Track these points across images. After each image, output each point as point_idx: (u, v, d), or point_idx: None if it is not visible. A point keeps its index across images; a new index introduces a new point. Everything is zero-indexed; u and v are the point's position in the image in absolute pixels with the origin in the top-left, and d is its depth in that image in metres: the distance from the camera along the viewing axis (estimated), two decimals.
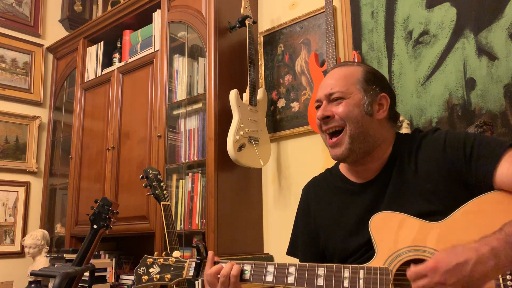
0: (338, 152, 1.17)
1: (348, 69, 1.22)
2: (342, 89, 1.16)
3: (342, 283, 1.01)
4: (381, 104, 1.18)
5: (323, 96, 1.19)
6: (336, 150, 1.17)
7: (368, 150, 1.16)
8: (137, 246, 2.99)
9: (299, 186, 1.40)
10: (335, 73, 1.23)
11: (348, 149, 1.15)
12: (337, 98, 1.16)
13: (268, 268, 1.10)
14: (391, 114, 1.21)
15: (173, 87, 2.65)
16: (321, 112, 1.18)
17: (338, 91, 1.16)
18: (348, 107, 1.15)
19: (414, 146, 1.16)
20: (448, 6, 1.93)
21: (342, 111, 1.15)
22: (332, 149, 1.18)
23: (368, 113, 1.15)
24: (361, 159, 1.17)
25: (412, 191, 1.10)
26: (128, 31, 3.08)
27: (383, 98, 1.19)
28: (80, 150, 3.16)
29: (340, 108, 1.15)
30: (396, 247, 1.01)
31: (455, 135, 1.12)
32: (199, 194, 2.38)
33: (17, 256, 3.29)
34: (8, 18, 3.50)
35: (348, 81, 1.18)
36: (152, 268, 1.21)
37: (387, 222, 1.05)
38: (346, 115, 1.14)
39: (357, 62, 1.29)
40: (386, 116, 1.19)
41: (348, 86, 1.17)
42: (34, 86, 3.58)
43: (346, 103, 1.15)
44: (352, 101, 1.16)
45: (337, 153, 1.17)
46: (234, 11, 2.50)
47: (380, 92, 1.19)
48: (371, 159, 1.18)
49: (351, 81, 1.18)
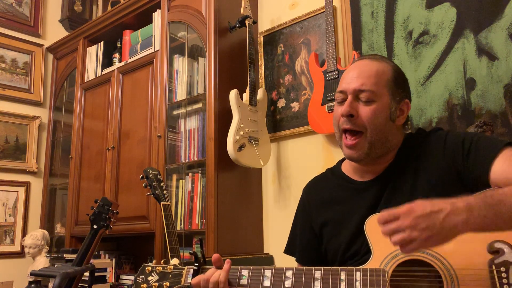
0: (354, 155, 1.15)
1: (380, 64, 1.16)
2: (373, 88, 1.11)
3: (339, 286, 1.01)
4: (402, 110, 1.17)
5: (351, 90, 1.12)
6: (353, 152, 1.15)
7: (383, 154, 1.16)
8: (137, 246, 2.99)
9: (299, 186, 1.41)
10: (365, 66, 1.15)
11: (365, 154, 1.14)
12: (367, 98, 1.11)
13: (266, 273, 1.10)
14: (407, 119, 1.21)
15: (173, 87, 2.65)
16: (347, 108, 1.11)
17: (369, 90, 1.11)
18: (376, 112, 1.11)
19: (416, 146, 1.16)
20: (448, 6, 1.93)
21: (369, 115, 1.10)
22: (348, 149, 1.15)
23: (392, 119, 1.14)
24: (372, 161, 1.17)
25: (411, 191, 1.11)
26: (128, 31, 3.08)
27: (405, 105, 1.17)
28: (80, 150, 3.16)
29: (368, 111, 1.11)
30: (392, 248, 1.01)
31: (455, 135, 1.13)
32: (199, 194, 2.38)
33: (17, 256, 3.30)
34: (8, 18, 3.50)
35: (379, 79, 1.13)
36: (151, 276, 1.21)
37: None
38: (372, 121, 1.11)
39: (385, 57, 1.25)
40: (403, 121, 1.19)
41: (379, 86, 1.12)
42: (34, 86, 3.58)
43: (376, 107, 1.11)
44: (381, 105, 1.12)
45: (353, 155, 1.15)
46: (234, 11, 2.50)
47: (405, 98, 1.17)
48: (379, 161, 1.18)
49: (383, 80, 1.13)
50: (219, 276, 1.10)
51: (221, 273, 1.10)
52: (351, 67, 1.19)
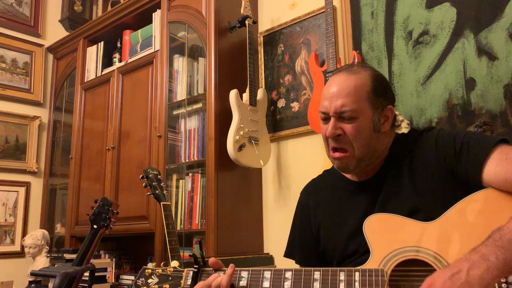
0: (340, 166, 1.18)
1: (357, 77, 1.16)
2: (353, 107, 1.12)
3: (338, 286, 1.01)
4: (387, 116, 1.18)
5: (333, 113, 1.14)
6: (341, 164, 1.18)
7: (371, 162, 1.18)
8: (137, 246, 2.99)
9: (299, 186, 1.41)
10: (344, 82, 1.16)
11: (354, 167, 1.17)
12: (349, 116, 1.13)
13: (265, 274, 1.10)
14: (393, 121, 1.21)
15: (173, 87, 2.65)
16: (332, 130, 1.14)
17: (349, 110, 1.12)
18: (359, 128, 1.13)
19: (409, 146, 1.17)
20: (448, 6, 1.93)
21: (353, 133, 1.13)
22: (336, 160, 1.18)
23: (376, 130, 1.15)
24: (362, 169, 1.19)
25: (407, 191, 1.11)
26: (128, 31, 3.08)
27: (388, 111, 1.18)
28: (80, 150, 3.16)
29: (351, 129, 1.13)
30: (391, 248, 1.02)
31: (446, 133, 1.13)
32: (199, 194, 2.38)
33: (17, 256, 3.30)
34: (8, 18, 3.50)
35: (359, 95, 1.13)
36: (151, 279, 1.22)
37: (381, 224, 1.06)
38: (356, 138, 1.13)
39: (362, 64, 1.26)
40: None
41: (360, 102, 1.13)
42: (34, 86, 3.58)
43: (358, 124, 1.13)
44: (364, 120, 1.13)
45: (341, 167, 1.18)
46: (234, 11, 2.50)
47: (386, 104, 1.17)
48: (373, 165, 1.19)
49: (361, 95, 1.14)
50: (221, 280, 1.10)
51: (223, 278, 1.10)
52: (330, 82, 1.19)
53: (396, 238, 1.03)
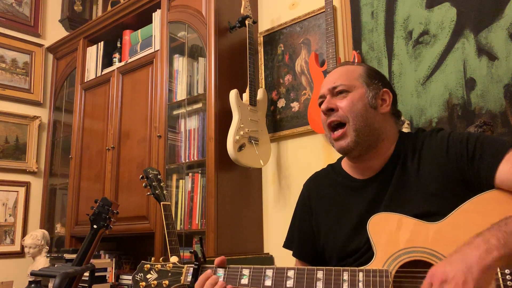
0: (343, 144, 1.16)
1: (350, 66, 1.25)
2: (346, 82, 1.18)
3: (341, 286, 1.00)
4: (384, 99, 1.20)
5: (327, 91, 1.20)
6: (341, 142, 1.16)
7: (373, 143, 1.16)
8: (137, 246, 2.99)
9: (299, 186, 1.40)
10: (336, 70, 1.25)
11: (354, 142, 1.15)
12: (341, 91, 1.18)
13: (267, 272, 1.09)
14: (394, 110, 1.22)
15: (173, 87, 2.65)
16: (325, 105, 1.19)
17: (342, 84, 1.18)
18: (352, 101, 1.16)
19: (417, 146, 1.16)
20: (448, 6, 1.93)
21: (346, 104, 1.16)
22: (337, 142, 1.18)
23: (372, 106, 1.16)
24: (365, 154, 1.17)
25: (413, 191, 1.10)
26: (128, 31, 3.08)
27: (385, 93, 1.20)
28: (80, 150, 3.16)
29: (344, 102, 1.16)
30: (395, 248, 1.01)
31: (458, 135, 1.11)
32: (199, 194, 2.38)
33: (17, 256, 3.29)
34: (8, 18, 3.50)
35: (350, 75, 1.20)
36: (150, 274, 1.20)
37: (385, 223, 1.05)
38: (350, 109, 1.15)
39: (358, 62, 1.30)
40: (389, 111, 1.20)
41: (351, 80, 1.19)
42: (34, 86, 3.58)
43: (351, 97, 1.16)
44: (356, 94, 1.17)
45: (342, 144, 1.17)
46: (234, 11, 2.50)
47: (383, 87, 1.20)
48: (374, 155, 1.18)
49: (354, 76, 1.20)
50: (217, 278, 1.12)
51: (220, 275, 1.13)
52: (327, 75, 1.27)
53: (401, 238, 1.01)
